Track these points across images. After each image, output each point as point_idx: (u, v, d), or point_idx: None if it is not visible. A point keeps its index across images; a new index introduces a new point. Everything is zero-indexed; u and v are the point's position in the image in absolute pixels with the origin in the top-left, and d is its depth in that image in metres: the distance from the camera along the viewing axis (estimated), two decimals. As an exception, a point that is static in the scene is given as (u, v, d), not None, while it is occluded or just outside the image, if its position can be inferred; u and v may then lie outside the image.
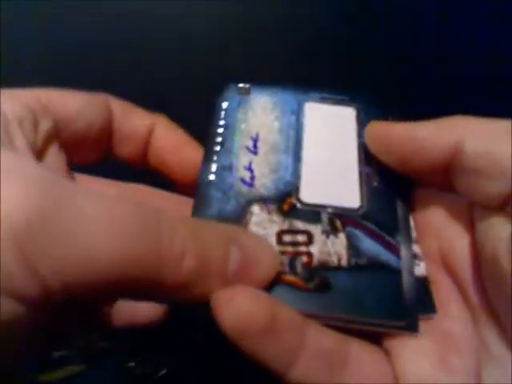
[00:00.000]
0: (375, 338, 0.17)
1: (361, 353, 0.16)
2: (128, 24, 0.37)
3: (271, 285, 0.16)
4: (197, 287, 0.14)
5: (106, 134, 0.20)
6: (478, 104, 0.36)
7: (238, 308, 0.14)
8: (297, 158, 0.20)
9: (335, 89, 0.23)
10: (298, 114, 0.22)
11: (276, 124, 0.21)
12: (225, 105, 0.22)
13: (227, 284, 0.14)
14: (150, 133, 0.20)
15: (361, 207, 0.19)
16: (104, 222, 0.12)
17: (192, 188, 0.19)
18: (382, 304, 0.17)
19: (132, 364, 0.29)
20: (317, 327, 0.16)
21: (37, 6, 0.36)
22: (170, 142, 0.21)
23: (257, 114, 0.22)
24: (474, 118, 0.16)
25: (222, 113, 0.22)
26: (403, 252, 0.18)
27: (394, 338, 0.16)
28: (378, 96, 0.22)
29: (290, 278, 0.17)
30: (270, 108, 0.22)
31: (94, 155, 0.20)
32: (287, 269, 0.17)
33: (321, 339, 0.16)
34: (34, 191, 0.12)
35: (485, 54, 0.37)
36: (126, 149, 0.20)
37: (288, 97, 0.22)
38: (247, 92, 0.22)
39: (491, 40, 0.37)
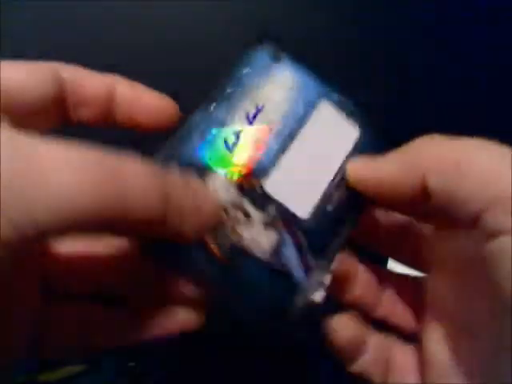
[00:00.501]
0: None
1: (390, 342, 0.21)
2: (128, 24, 0.37)
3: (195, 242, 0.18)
4: (161, 223, 0.16)
5: (57, 102, 0.19)
6: (477, 104, 0.36)
7: (348, 334, 0.20)
8: (283, 147, 0.20)
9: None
10: (309, 107, 0.21)
11: (284, 106, 0.21)
12: (251, 63, 0.21)
13: (184, 221, 0.17)
14: (111, 92, 0.20)
15: (306, 221, 0.20)
16: (69, 170, 0.14)
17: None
18: (265, 307, 0.19)
19: (132, 364, 0.29)
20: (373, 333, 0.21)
21: (37, 5, 0.36)
22: (136, 96, 0.21)
23: (273, 86, 0.21)
24: (436, 144, 0.18)
25: (245, 70, 0.21)
26: (313, 276, 0.19)
27: (424, 325, 0.20)
28: (387, 132, 0.22)
29: (212, 244, 0.19)
30: (289, 87, 0.21)
31: (47, 124, 0.20)
32: (213, 235, 0.19)
33: (375, 342, 0.21)
34: (4, 153, 0.13)
35: (485, 53, 0.37)
36: (86, 111, 0.20)
37: (311, 84, 0.21)
38: (278, 58, 0.22)
39: (491, 40, 0.37)
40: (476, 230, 0.16)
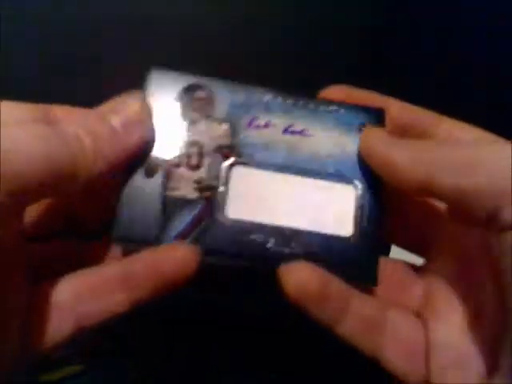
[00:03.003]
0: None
1: (397, 319, 0.20)
2: (128, 24, 0.37)
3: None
4: (104, 154, 0.18)
5: None
6: (477, 104, 0.36)
7: (299, 278, 0.18)
8: (280, 169, 0.20)
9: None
10: (336, 177, 0.20)
11: (320, 154, 0.20)
12: (343, 115, 0.21)
13: (121, 137, 0.18)
14: None
15: (222, 224, 0.19)
16: (24, 141, 0.16)
17: None
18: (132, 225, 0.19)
19: (132, 364, 0.29)
20: (359, 296, 0.19)
21: (37, 6, 0.36)
22: None
23: (333, 138, 0.21)
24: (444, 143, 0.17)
25: (332, 107, 0.21)
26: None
27: (430, 310, 0.20)
28: None
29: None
30: (343, 150, 0.20)
31: None
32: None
33: (363, 306, 0.19)
34: None
35: (485, 53, 0.37)
36: None
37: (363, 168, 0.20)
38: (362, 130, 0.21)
39: (491, 40, 0.37)
40: (489, 222, 0.16)
